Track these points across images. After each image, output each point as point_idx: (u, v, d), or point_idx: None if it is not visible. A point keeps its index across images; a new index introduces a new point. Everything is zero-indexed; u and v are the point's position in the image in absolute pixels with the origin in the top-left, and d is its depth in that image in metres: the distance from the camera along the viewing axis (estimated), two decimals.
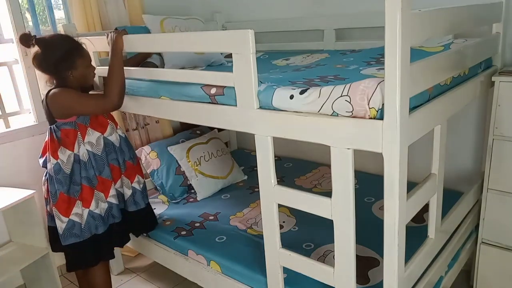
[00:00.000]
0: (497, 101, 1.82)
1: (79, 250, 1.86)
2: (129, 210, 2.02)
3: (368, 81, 1.23)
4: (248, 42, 1.41)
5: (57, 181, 1.81)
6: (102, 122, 1.92)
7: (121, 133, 2.01)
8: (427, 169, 1.60)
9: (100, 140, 1.89)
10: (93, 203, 1.87)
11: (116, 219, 1.97)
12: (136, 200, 2.04)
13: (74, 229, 1.84)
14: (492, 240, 1.99)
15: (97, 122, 1.90)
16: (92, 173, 1.87)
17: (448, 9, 1.41)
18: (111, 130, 1.94)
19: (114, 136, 1.95)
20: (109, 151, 1.93)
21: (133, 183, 2.02)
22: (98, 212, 1.89)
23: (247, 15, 2.98)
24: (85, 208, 1.85)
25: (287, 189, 1.52)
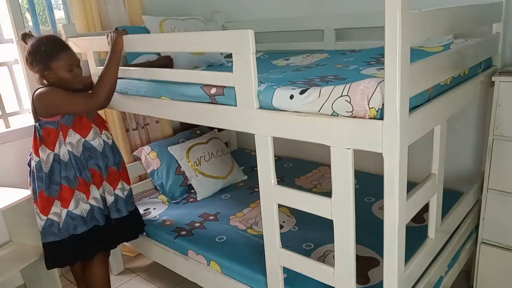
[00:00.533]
0: (497, 101, 1.82)
1: (58, 249, 1.87)
2: (111, 217, 1.98)
3: (368, 81, 1.23)
4: (248, 42, 1.41)
5: (38, 179, 1.82)
6: (85, 125, 1.88)
7: (106, 138, 1.97)
8: (427, 169, 1.60)
9: (79, 143, 1.86)
10: (72, 204, 1.85)
11: (99, 222, 1.93)
12: (119, 208, 1.99)
13: (52, 227, 1.85)
14: (492, 240, 1.99)
15: (80, 124, 1.86)
16: (72, 174, 1.84)
17: (448, 9, 1.41)
18: (93, 134, 1.90)
19: (96, 141, 1.90)
20: (89, 155, 1.89)
21: (115, 190, 1.97)
22: (78, 212, 1.86)
23: (247, 15, 2.98)
24: (64, 208, 1.84)
25: (287, 189, 1.52)
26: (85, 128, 1.88)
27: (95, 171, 1.91)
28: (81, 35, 2.34)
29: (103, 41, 1.96)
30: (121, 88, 2.06)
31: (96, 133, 1.91)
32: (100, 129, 1.94)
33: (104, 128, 1.98)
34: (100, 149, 1.92)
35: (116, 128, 2.69)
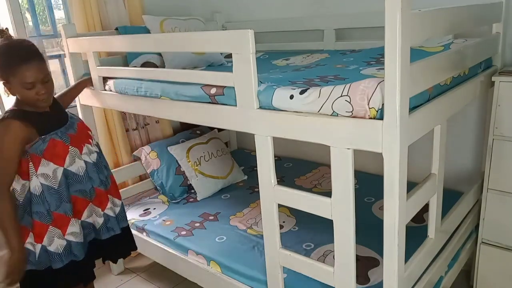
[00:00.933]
0: (497, 101, 1.82)
1: (36, 278, 1.65)
2: (102, 238, 1.78)
3: (368, 81, 1.23)
4: (248, 42, 1.41)
5: (16, 207, 1.60)
6: (60, 151, 1.59)
7: (88, 154, 1.70)
8: (427, 169, 1.60)
9: (57, 173, 1.59)
10: (46, 240, 1.61)
11: (77, 257, 1.68)
12: (110, 226, 1.79)
13: (30, 256, 1.63)
14: (492, 240, 1.99)
15: (53, 151, 1.58)
16: (45, 208, 1.59)
17: (448, 9, 1.41)
18: (71, 159, 1.62)
19: (76, 165, 1.63)
20: (71, 182, 1.63)
21: (105, 210, 1.77)
22: (52, 249, 1.62)
23: (247, 15, 2.98)
24: (37, 243, 1.61)
25: (287, 189, 1.53)
26: (59, 155, 1.59)
27: (78, 198, 1.67)
28: (81, 35, 2.34)
29: (103, 41, 1.96)
30: (121, 88, 2.06)
31: (75, 155, 1.64)
32: (80, 148, 1.67)
33: (85, 141, 1.71)
34: (82, 172, 1.66)
35: (116, 128, 2.69)
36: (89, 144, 1.73)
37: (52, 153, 1.57)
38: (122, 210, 1.89)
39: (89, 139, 1.74)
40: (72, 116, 1.74)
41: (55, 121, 1.64)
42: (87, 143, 1.72)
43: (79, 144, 1.67)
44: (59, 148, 1.59)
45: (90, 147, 1.73)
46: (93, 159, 1.73)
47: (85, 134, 1.74)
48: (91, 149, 1.74)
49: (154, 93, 1.89)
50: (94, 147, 1.77)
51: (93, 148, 1.75)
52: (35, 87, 1.51)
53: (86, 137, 1.74)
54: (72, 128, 1.68)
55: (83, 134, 1.72)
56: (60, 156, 1.59)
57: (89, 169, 1.69)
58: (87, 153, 1.70)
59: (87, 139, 1.73)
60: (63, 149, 1.60)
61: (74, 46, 2.27)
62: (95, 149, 1.76)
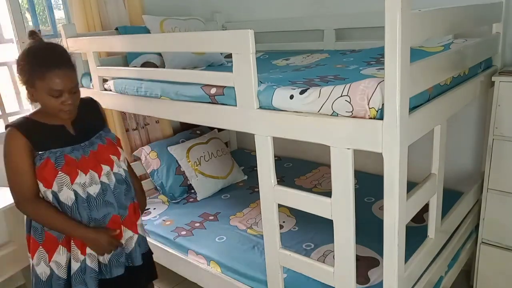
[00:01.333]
0: (497, 101, 1.82)
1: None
2: (111, 276, 1.53)
3: (368, 81, 1.23)
4: (248, 42, 1.41)
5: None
6: (46, 175, 1.39)
7: (106, 178, 1.48)
8: (427, 169, 1.60)
9: (46, 194, 1.42)
10: (35, 259, 1.48)
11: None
12: (122, 261, 1.55)
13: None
14: (492, 240, 1.99)
15: (42, 172, 1.39)
16: (39, 224, 1.46)
17: (448, 9, 1.41)
18: (58, 186, 1.40)
19: (64, 193, 1.41)
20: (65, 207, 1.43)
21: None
22: (38, 272, 1.48)
23: (247, 15, 2.98)
24: (30, 259, 1.51)
25: (287, 189, 1.53)
26: (46, 178, 1.40)
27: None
28: (81, 35, 2.34)
29: (103, 41, 1.96)
30: (121, 88, 2.06)
31: (63, 183, 1.40)
32: (94, 170, 1.46)
33: (107, 163, 1.50)
34: (71, 202, 1.43)
35: (116, 128, 2.69)
36: (109, 165, 1.50)
37: (41, 173, 1.39)
38: (143, 239, 1.66)
39: (110, 161, 1.51)
40: (100, 135, 1.53)
41: (67, 137, 1.46)
42: (108, 164, 1.50)
43: (91, 167, 1.45)
44: (47, 170, 1.39)
45: (111, 169, 1.50)
46: (114, 181, 1.51)
47: (109, 153, 1.51)
48: (116, 170, 1.52)
49: (154, 93, 1.89)
50: (120, 168, 1.54)
51: (118, 169, 1.53)
52: (61, 96, 1.37)
53: (107, 159, 1.50)
54: (88, 148, 1.47)
55: (103, 155, 1.50)
56: (46, 179, 1.39)
57: (107, 193, 1.48)
58: (107, 175, 1.49)
59: (108, 162, 1.50)
60: (50, 173, 1.39)
61: (74, 46, 2.27)
62: (118, 170, 1.53)
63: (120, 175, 1.54)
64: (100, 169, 1.48)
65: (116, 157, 1.54)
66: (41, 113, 1.46)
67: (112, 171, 1.51)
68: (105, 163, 1.50)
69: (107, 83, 2.18)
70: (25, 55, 1.40)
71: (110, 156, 1.52)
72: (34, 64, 1.37)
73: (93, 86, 2.27)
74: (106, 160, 1.50)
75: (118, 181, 1.52)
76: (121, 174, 1.54)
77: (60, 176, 1.40)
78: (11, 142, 1.39)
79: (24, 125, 1.43)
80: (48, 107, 1.40)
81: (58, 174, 1.39)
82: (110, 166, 1.51)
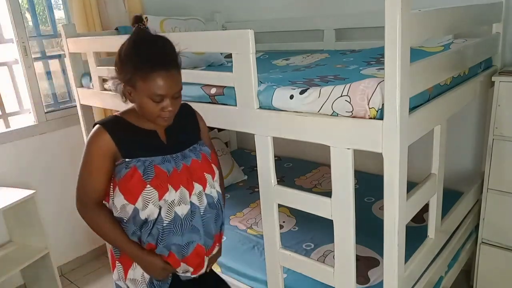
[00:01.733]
0: (497, 101, 1.82)
1: None
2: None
3: (368, 81, 1.23)
4: (248, 42, 1.41)
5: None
6: (132, 187, 1.20)
7: (197, 199, 1.27)
8: (427, 169, 1.60)
9: (126, 208, 1.22)
10: (115, 274, 1.37)
11: None
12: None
13: None
14: (492, 240, 1.99)
15: (128, 183, 1.20)
16: None
17: (448, 9, 1.41)
18: (144, 203, 1.19)
19: (147, 211, 1.20)
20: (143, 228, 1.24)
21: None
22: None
23: (247, 15, 2.98)
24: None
25: (287, 189, 1.52)
26: (131, 190, 1.20)
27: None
28: (81, 35, 2.34)
29: (103, 41, 1.96)
30: None
31: (151, 200, 1.20)
32: (189, 189, 1.26)
33: (198, 181, 1.29)
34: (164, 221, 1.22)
35: None
36: (201, 185, 1.29)
37: (126, 185, 1.19)
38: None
39: (204, 180, 1.30)
40: (194, 148, 1.34)
41: (157, 146, 1.28)
42: (201, 183, 1.29)
43: (182, 183, 1.25)
44: (134, 182, 1.19)
45: (203, 189, 1.29)
46: (205, 203, 1.29)
47: (203, 170, 1.31)
48: (208, 191, 1.30)
49: None
50: (213, 189, 1.33)
51: (211, 190, 1.32)
52: (163, 101, 1.19)
53: (200, 178, 1.29)
54: (180, 161, 1.27)
55: (197, 172, 1.29)
56: (132, 193, 1.19)
57: (196, 217, 1.26)
58: (198, 195, 1.28)
59: (201, 180, 1.29)
60: (137, 185, 1.19)
61: (74, 46, 2.27)
62: (211, 192, 1.32)
63: (212, 197, 1.31)
64: (192, 188, 1.26)
65: (211, 176, 1.32)
66: (133, 114, 1.28)
67: (204, 191, 1.29)
68: (198, 181, 1.28)
69: (107, 83, 2.18)
70: (129, 48, 1.20)
71: (204, 174, 1.30)
72: (137, 61, 1.17)
73: (93, 86, 2.27)
74: (199, 178, 1.29)
75: (210, 204, 1.30)
76: (213, 196, 1.32)
77: (148, 190, 1.18)
78: (94, 142, 1.22)
79: (115, 125, 1.25)
80: (146, 111, 1.21)
81: (146, 188, 1.19)
82: (203, 185, 1.29)
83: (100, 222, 1.26)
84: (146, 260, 1.25)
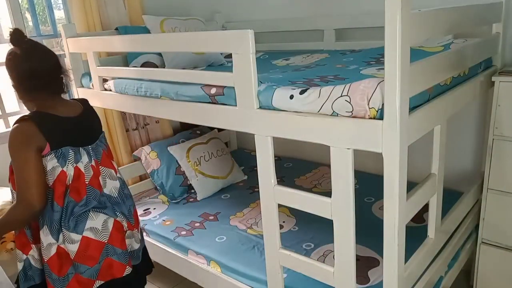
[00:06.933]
0: (497, 101, 1.82)
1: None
2: None
3: (368, 81, 1.23)
4: (248, 42, 1.41)
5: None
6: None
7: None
8: (427, 169, 1.60)
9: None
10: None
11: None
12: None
13: None
14: (492, 240, 1.99)
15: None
16: None
17: (448, 9, 1.41)
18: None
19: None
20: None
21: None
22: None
23: (247, 15, 2.98)
24: None
25: (287, 189, 1.52)
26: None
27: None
28: (81, 35, 2.34)
29: (103, 41, 1.96)
30: (121, 88, 2.06)
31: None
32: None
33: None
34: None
35: (116, 128, 2.69)
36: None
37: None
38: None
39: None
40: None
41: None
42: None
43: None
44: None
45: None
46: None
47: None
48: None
49: (154, 93, 1.89)
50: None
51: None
52: None
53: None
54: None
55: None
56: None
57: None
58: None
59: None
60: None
61: (74, 46, 2.27)
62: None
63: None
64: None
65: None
66: None
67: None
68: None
69: (107, 83, 2.18)
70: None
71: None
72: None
73: (93, 86, 2.27)
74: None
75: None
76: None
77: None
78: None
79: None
80: None
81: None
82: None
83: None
84: None
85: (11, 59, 1.40)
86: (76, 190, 1.41)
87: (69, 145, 1.40)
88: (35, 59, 1.39)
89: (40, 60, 1.40)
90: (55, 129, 1.38)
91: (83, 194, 1.42)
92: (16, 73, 1.40)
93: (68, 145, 1.40)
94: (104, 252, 1.44)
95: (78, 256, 1.40)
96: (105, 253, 1.45)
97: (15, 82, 1.41)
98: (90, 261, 1.42)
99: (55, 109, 1.42)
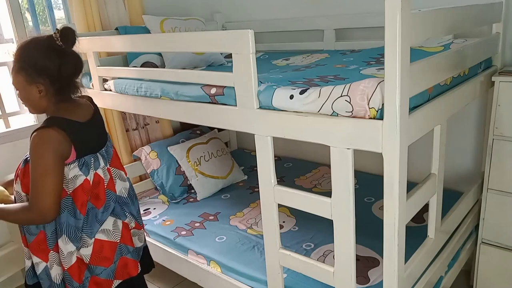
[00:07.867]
0: (497, 101, 1.82)
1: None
2: None
3: (368, 81, 1.23)
4: (248, 42, 1.41)
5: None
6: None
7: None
8: (427, 169, 1.60)
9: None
10: None
11: None
12: None
13: None
14: (492, 240, 1.99)
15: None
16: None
17: (448, 9, 1.41)
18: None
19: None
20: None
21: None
22: None
23: (247, 15, 2.98)
24: None
25: (287, 189, 1.52)
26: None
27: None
28: (81, 35, 2.34)
29: (103, 41, 1.96)
30: (121, 88, 2.06)
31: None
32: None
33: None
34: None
35: (116, 128, 2.69)
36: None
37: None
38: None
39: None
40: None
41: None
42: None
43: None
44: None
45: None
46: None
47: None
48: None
49: (154, 93, 1.89)
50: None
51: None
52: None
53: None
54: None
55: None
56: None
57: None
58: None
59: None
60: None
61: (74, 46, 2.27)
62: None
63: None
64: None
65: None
66: None
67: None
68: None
69: (107, 83, 2.18)
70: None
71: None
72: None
73: (93, 86, 2.27)
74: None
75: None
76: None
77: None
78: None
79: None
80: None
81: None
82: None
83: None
84: None
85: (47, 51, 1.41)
86: (96, 196, 1.39)
87: (90, 153, 1.38)
88: (71, 65, 1.38)
89: (75, 66, 1.41)
90: (80, 138, 1.35)
91: (103, 199, 1.40)
92: (46, 72, 1.37)
93: (89, 153, 1.38)
94: (118, 251, 1.44)
95: (93, 258, 1.39)
96: (119, 252, 1.45)
97: (44, 79, 1.36)
98: (106, 262, 1.41)
99: (75, 113, 1.38)
